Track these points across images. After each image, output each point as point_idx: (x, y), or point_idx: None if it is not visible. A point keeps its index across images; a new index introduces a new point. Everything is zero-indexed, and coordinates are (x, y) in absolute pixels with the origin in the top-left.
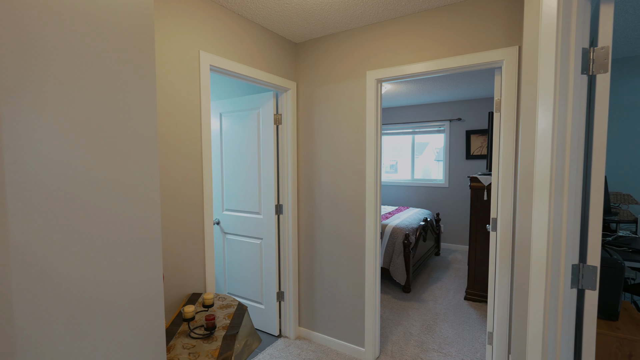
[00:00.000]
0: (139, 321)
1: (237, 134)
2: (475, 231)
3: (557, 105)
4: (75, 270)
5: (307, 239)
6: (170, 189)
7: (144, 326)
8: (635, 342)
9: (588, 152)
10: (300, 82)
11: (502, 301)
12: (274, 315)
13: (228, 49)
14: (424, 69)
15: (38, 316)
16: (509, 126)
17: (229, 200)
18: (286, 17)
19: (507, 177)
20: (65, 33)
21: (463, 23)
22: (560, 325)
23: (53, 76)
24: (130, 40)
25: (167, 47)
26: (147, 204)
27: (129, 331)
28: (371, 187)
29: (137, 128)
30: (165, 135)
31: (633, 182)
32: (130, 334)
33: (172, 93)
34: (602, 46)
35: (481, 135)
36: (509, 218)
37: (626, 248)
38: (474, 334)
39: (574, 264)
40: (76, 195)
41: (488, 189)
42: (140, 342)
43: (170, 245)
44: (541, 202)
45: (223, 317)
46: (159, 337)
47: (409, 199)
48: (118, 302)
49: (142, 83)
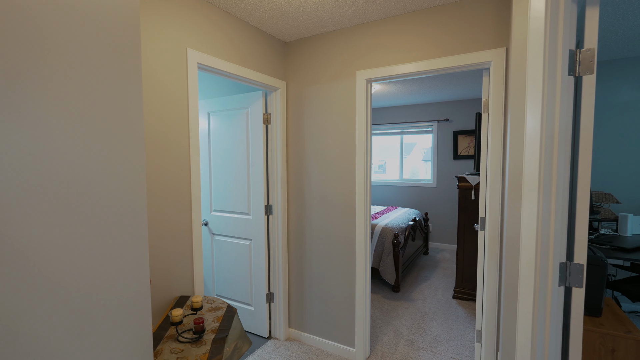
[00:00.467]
0: (124, 323)
1: (226, 133)
2: (463, 230)
3: (545, 106)
4: (55, 261)
5: (297, 239)
6: (155, 187)
7: (130, 327)
8: (618, 337)
9: (574, 152)
10: (290, 82)
11: (490, 299)
12: (264, 316)
13: (216, 47)
14: (414, 69)
15: (22, 311)
16: (497, 126)
17: (217, 201)
18: (275, 16)
19: (495, 176)
20: (50, 31)
21: (452, 24)
22: (548, 322)
23: (33, 72)
24: (115, 37)
25: (154, 43)
26: (132, 199)
27: (112, 333)
28: (361, 187)
29: (123, 124)
30: (152, 133)
31: (613, 181)
32: (115, 334)
33: (159, 91)
34: (588, 48)
35: (468, 135)
36: (497, 217)
37: (608, 246)
38: (462, 332)
39: (561, 262)
40: (56, 185)
41: (475, 189)
42: (126, 343)
43: (156, 246)
44: (530, 201)
45: (212, 320)
46: (146, 339)
47: (398, 198)
48: (101, 299)
49: (127, 78)
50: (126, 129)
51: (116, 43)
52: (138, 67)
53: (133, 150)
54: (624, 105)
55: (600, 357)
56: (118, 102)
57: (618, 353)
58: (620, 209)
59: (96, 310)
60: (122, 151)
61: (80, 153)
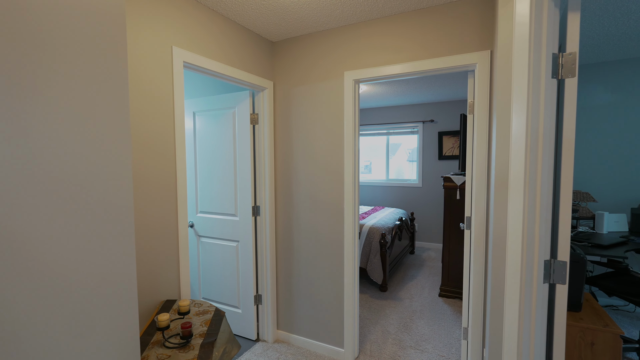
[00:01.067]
0: (109, 324)
1: (212, 133)
2: (448, 229)
3: (530, 107)
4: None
5: (285, 240)
6: (140, 186)
7: (116, 328)
8: (597, 330)
9: (557, 152)
10: (278, 82)
11: (476, 297)
12: (252, 319)
13: (202, 45)
14: (401, 70)
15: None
16: (482, 127)
17: (203, 202)
18: (263, 15)
19: (480, 176)
20: (34, 31)
21: (439, 27)
22: (534, 317)
23: (19, 71)
24: (101, 36)
25: (138, 41)
26: (118, 193)
27: (97, 335)
28: (349, 188)
29: (109, 119)
30: (137, 131)
31: (591, 180)
32: (101, 336)
33: (145, 89)
34: (570, 52)
35: (453, 136)
36: (482, 216)
37: (586, 243)
38: (449, 329)
39: (546, 260)
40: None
41: (460, 189)
42: (112, 343)
43: (140, 247)
44: (516, 200)
45: (200, 324)
46: (133, 341)
47: (384, 198)
48: (85, 296)
49: (113, 77)
50: (113, 125)
51: (102, 42)
52: (124, 66)
53: (119, 146)
54: (599, 107)
55: (580, 351)
56: (104, 99)
57: (597, 346)
58: (596, 207)
59: (79, 309)
60: (108, 147)
61: (65, 149)
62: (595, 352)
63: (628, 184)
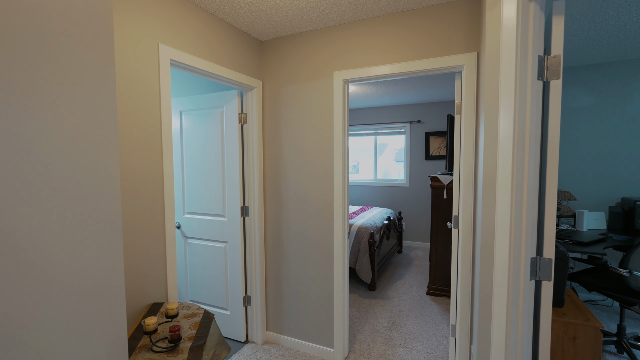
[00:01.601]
0: (97, 328)
1: (199, 133)
2: (436, 228)
3: (517, 108)
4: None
5: (275, 241)
6: (126, 185)
7: (103, 332)
8: (579, 325)
9: (543, 153)
10: (266, 81)
11: (464, 294)
12: (241, 320)
13: (189, 43)
14: (389, 71)
15: None
16: (469, 128)
17: (190, 203)
18: (251, 14)
19: (467, 176)
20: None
21: (428, 28)
22: (521, 314)
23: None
24: (88, 35)
25: (124, 38)
26: (105, 190)
27: (84, 336)
28: (339, 188)
29: (96, 118)
30: (123, 129)
31: (571, 180)
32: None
33: (131, 87)
34: (554, 54)
35: (439, 136)
36: (470, 215)
37: (568, 240)
38: (437, 327)
39: (532, 258)
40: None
41: (448, 188)
42: (99, 347)
43: (126, 248)
44: (504, 199)
45: (188, 327)
46: (121, 346)
47: (372, 198)
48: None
49: (100, 75)
50: (99, 125)
51: (89, 40)
52: (111, 64)
53: (106, 145)
54: (580, 109)
55: (563, 345)
56: (91, 97)
57: (579, 340)
58: (577, 205)
59: (64, 313)
60: (95, 146)
61: (50, 148)
62: (577, 345)
63: (606, 183)
